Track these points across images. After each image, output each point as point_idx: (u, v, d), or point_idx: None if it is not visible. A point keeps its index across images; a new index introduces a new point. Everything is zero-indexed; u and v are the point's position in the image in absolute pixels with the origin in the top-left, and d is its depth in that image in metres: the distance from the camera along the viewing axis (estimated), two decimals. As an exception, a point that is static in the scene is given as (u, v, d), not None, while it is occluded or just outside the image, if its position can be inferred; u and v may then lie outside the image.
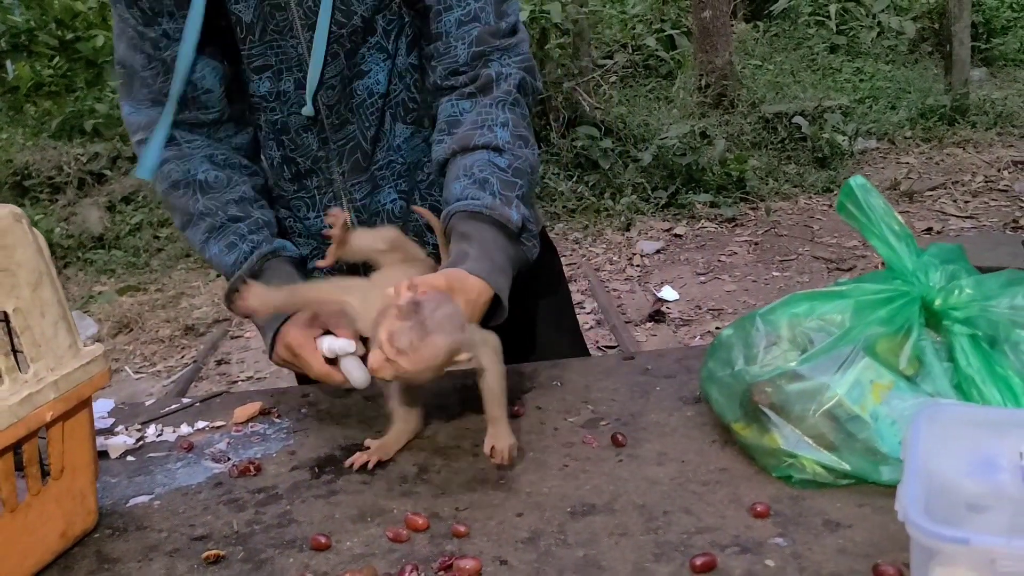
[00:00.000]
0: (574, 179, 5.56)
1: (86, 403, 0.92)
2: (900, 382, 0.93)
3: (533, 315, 1.45)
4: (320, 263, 1.15)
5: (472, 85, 1.21)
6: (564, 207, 5.35)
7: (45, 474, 0.90)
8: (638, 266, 4.68)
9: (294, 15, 1.18)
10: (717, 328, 3.84)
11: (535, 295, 1.43)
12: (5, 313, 0.85)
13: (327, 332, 1.10)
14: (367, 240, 1.12)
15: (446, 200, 1.17)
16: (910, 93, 7.11)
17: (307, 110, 1.23)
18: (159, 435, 1.19)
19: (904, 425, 0.90)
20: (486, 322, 1.06)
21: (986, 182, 5.66)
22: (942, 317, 0.97)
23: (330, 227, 1.11)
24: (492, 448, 0.98)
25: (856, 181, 1.05)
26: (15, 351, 0.86)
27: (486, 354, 0.98)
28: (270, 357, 1.18)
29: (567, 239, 5.06)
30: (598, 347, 3.66)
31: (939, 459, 0.73)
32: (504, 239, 1.12)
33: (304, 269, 1.29)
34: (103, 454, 1.13)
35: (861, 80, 7.42)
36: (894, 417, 0.91)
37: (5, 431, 0.80)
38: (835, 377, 0.93)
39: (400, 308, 0.90)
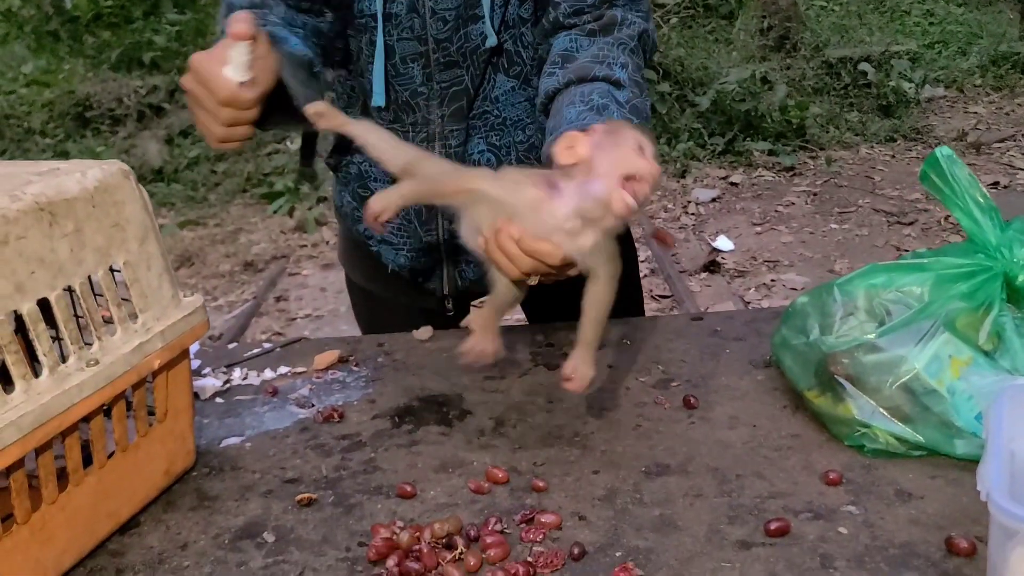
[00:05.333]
0: (629, 123, 5.49)
1: (186, 352, 0.97)
2: (979, 358, 0.94)
3: None
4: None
5: (595, 23, 1.18)
6: (618, 152, 5.30)
7: (150, 415, 0.96)
8: (693, 214, 4.64)
9: None
10: (772, 280, 3.82)
11: None
12: (111, 266, 0.89)
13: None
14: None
15: (555, 128, 1.08)
16: (982, 38, 6.83)
17: (491, 40, 1.21)
18: (244, 378, 1.25)
19: (981, 400, 0.91)
20: None
21: (1059, 135, 5.46)
22: (1024, 293, 0.97)
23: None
24: (575, 370, 0.90)
25: (942, 151, 1.04)
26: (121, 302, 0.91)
27: (608, 269, 0.89)
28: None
29: (621, 185, 5.02)
30: (652, 296, 3.66)
31: (1022, 440, 0.74)
32: None
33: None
34: (195, 395, 1.19)
35: (931, 24, 7.14)
36: (971, 392, 0.92)
37: (120, 378, 0.85)
38: (913, 351, 0.94)
39: (602, 138, 0.84)
